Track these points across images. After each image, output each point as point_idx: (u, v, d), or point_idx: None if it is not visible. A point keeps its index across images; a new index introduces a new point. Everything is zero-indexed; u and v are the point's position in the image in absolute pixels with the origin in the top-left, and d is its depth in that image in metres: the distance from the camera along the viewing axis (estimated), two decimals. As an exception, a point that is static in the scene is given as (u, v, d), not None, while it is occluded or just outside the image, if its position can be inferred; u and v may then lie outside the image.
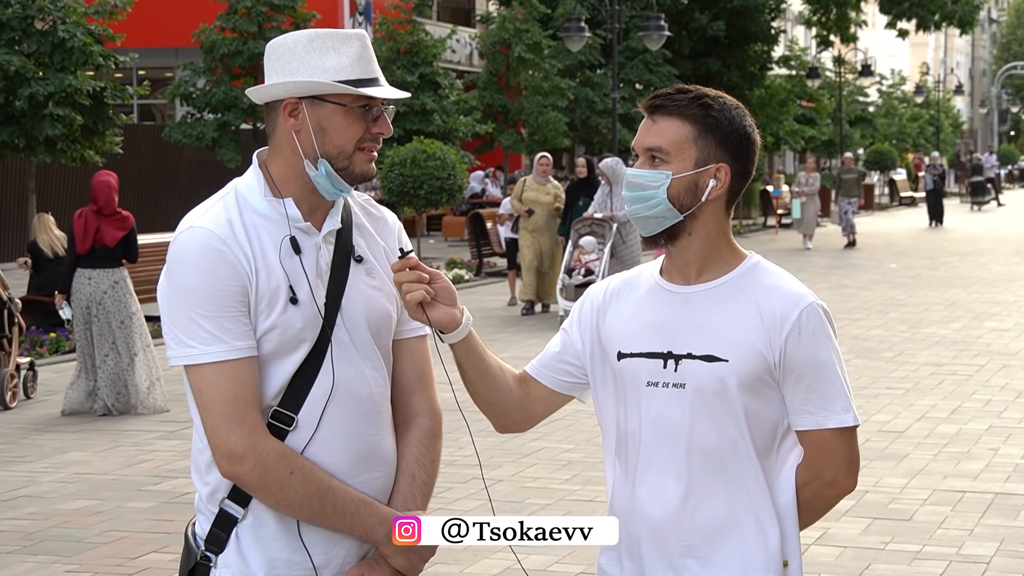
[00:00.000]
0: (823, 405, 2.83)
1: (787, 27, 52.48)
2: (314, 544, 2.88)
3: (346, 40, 2.88)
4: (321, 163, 2.86)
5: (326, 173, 2.86)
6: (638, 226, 2.89)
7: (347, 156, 2.87)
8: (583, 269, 16.09)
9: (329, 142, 2.86)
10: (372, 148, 2.90)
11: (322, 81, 2.83)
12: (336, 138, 2.86)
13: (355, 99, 2.85)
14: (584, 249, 16.13)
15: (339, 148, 2.86)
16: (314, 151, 2.86)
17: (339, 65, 2.85)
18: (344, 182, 2.88)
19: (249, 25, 23.85)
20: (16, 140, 17.67)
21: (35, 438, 10.05)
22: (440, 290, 2.85)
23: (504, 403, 3.02)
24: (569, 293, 15.97)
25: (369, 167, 2.90)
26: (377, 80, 2.89)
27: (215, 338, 2.79)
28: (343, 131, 2.86)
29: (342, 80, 2.84)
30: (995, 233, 34.11)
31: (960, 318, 16.75)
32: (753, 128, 2.91)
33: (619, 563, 2.95)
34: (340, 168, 2.87)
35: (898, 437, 9.67)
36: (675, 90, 2.85)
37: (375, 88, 2.87)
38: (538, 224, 17.41)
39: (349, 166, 2.87)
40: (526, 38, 30.07)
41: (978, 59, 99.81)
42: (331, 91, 2.84)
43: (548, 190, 17.52)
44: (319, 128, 2.86)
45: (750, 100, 37.95)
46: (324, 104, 2.85)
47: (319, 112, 2.85)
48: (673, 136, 2.81)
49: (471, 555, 6.82)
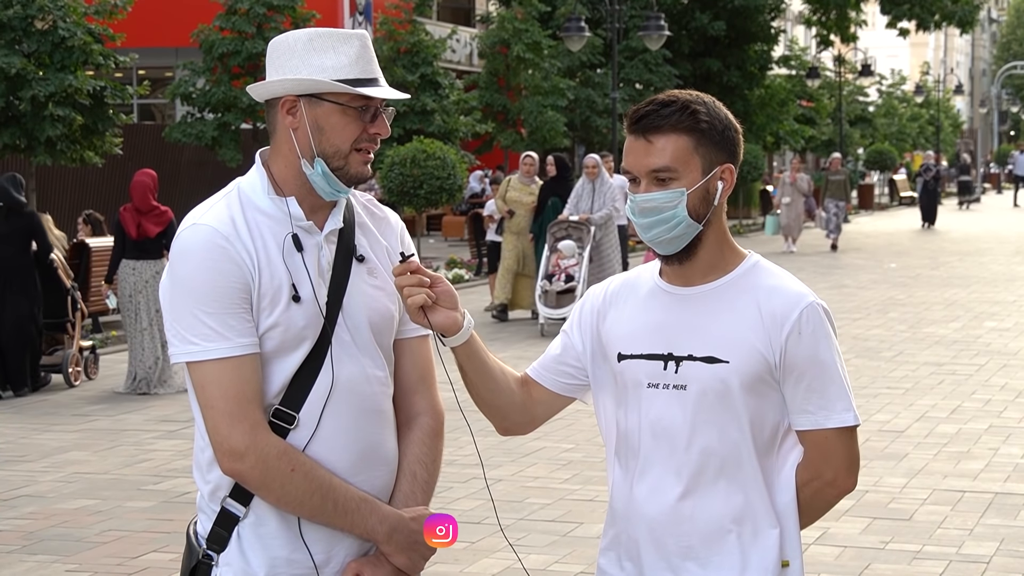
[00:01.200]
0: (823, 404, 2.84)
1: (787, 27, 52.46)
2: (315, 543, 2.88)
3: (346, 40, 2.88)
4: (317, 162, 2.87)
5: (322, 172, 2.87)
6: (659, 249, 2.84)
7: (343, 156, 2.87)
8: (563, 275, 15.56)
9: (326, 141, 2.86)
10: (369, 149, 2.90)
11: (319, 79, 2.83)
12: (333, 137, 2.86)
13: (352, 98, 2.85)
14: (563, 254, 15.60)
15: (336, 147, 2.86)
16: (311, 150, 2.87)
17: (338, 64, 2.85)
18: (340, 182, 2.88)
19: (248, 25, 23.85)
20: (17, 141, 17.67)
21: (35, 437, 10.05)
22: (441, 293, 2.85)
23: (506, 406, 3.02)
24: (551, 300, 15.47)
25: (364, 169, 2.90)
26: (377, 80, 2.89)
27: (218, 335, 2.79)
28: (340, 130, 2.86)
29: (339, 79, 2.84)
30: (995, 233, 34.12)
31: (960, 318, 16.75)
32: (730, 115, 2.88)
33: (618, 563, 2.95)
34: (336, 168, 2.87)
35: (898, 437, 9.67)
36: (658, 105, 2.80)
37: (373, 88, 2.86)
38: (521, 226, 16.81)
39: (345, 166, 2.87)
40: (525, 38, 30.07)
41: (978, 59, 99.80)
42: (328, 89, 2.84)
43: (532, 190, 16.90)
44: (316, 127, 2.86)
45: (750, 100, 37.96)
46: (322, 103, 2.86)
47: (316, 111, 2.86)
48: (675, 152, 2.78)
49: (471, 555, 6.82)
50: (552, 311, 15.38)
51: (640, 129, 2.81)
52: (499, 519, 6.98)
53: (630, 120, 2.82)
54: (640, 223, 2.82)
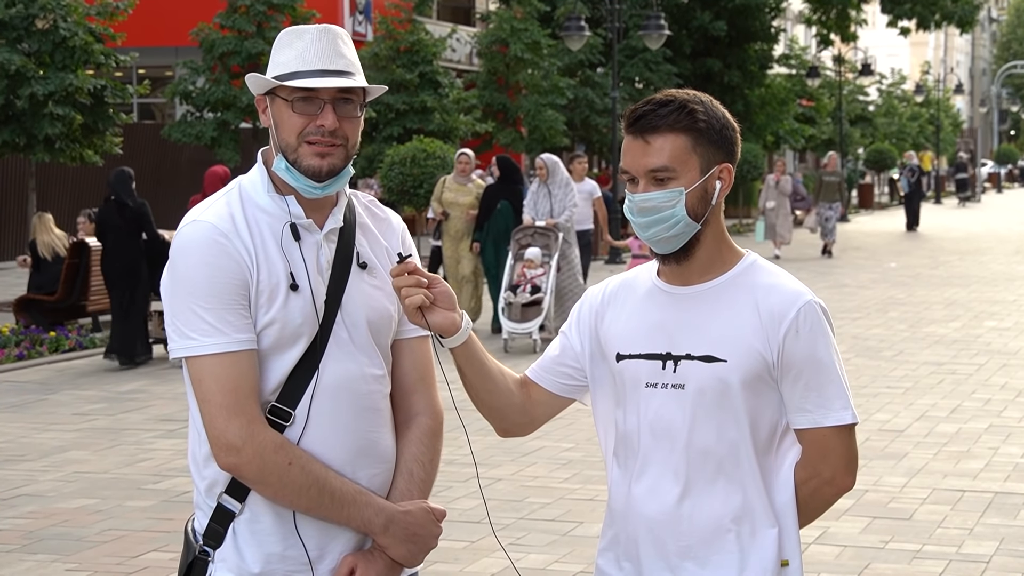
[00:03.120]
0: (821, 403, 2.83)
1: (787, 26, 52.45)
2: (310, 538, 2.89)
3: (300, 35, 2.92)
4: (278, 158, 2.92)
5: (285, 168, 2.90)
6: (657, 248, 2.84)
7: (293, 149, 2.89)
8: (529, 286, 14.30)
9: (280, 136, 2.91)
10: (322, 142, 2.87)
11: (262, 76, 2.90)
12: (282, 132, 2.91)
13: (291, 91, 2.88)
14: (532, 263, 14.34)
15: (286, 142, 2.90)
16: (278, 145, 2.92)
17: (287, 59, 2.90)
18: (304, 176, 2.88)
19: (248, 24, 23.85)
20: (16, 139, 17.67)
21: (35, 436, 10.05)
22: (439, 294, 2.85)
23: (505, 407, 3.02)
24: (515, 313, 14.15)
25: (318, 161, 2.88)
26: (330, 72, 2.87)
27: (215, 330, 2.81)
28: (286, 124, 2.90)
29: (281, 74, 2.88)
30: (995, 232, 34.12)
31: (960, 317, 16.75)
32: (727, 113, 2.88)
33: (617, 563, 2.95)
34: (292, 162, 2.90)
35: (898, 436, 9.67)
36: (656, 104, 2.80)
37: (308, 80, 2.85)
38: (459, 229, 15.47)
39: (297, 159, 2.89)
40: (525, 37, 30.06)
41: (978, 58, 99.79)
42: (270, 86, 2.90)
43: (469, 190, 15.60)
44: (276, 123, 2.92)
45: (750, 99, 37.95)
46: (276, 99, 2.91)
47: (274, 107, 2.92)
48: (673, 152, 2.79)
49: (470, 554, 6.82)
50: (517, 325, 14.11)
51: (638, 129, 2.81)
52: (491, 521, 6.99)
53: (628, 120, 2.82)
54: (638, 222, 2.82)
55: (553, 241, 14.45)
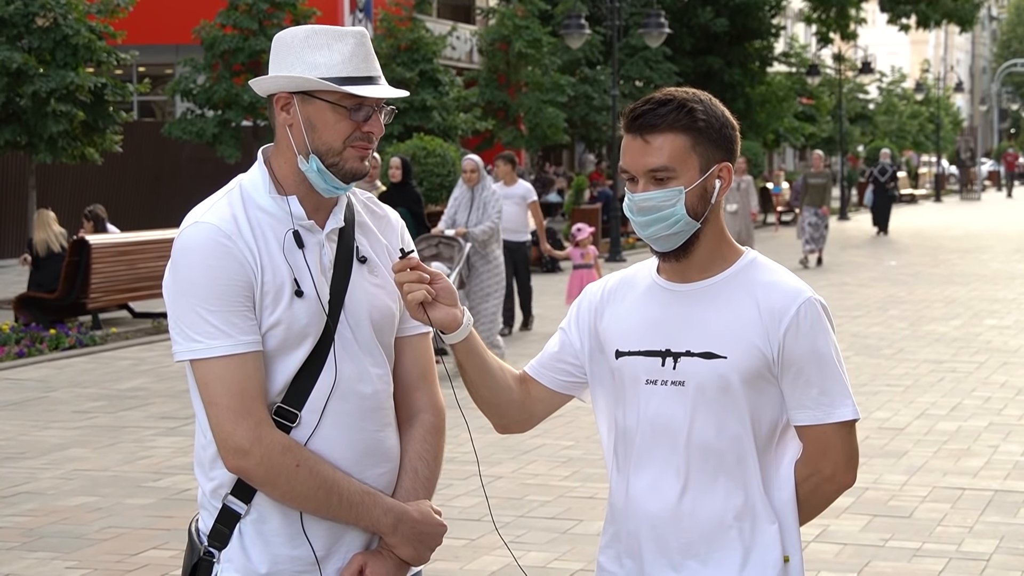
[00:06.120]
0: (822, 400, 2.84)
1: (787, 24, 52.44)
2: (317, 539, 2.89)
3: (341, 37, 2.88)
4: (312, 159, 2.88)
5: (317, 169, 2.88)
6: (656, 246, 2.85)
7: (336, 153, 2.88)
8: None
9: (318, 138, 2.88)
10: (364, 147, 2.90)
11: (307, 77, 2.84)
12: (325, 135, 2.87)
13: (342, 97, 2.86)
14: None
15: (328, 145, 2.87)
16: (306, 146, 2.88)
17: (331, 62, 2.86)
18: (336, 179, 2.89)
19: (250, 22, 23.85)
20: (18, 138, 17.67)
21: (35, 434, 10.06)
22: (441, 290, 2.85)
23: (505, 403, 3.02)
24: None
25: (360, 164, 2.90)
26: (374, 79, 2.89)
27: (221, 332, 2.80)
28: (331, 128, 2.87)
29: (331, 77, 2.84)
30: (995, 230, 34.12)
31: (960, 315, 16.75)
32: (727, 112, 2.88)
33: (618, 561, 2.95)
34: (330, 164, 2.88)
35: (898, 434, 9.67)
36: (655, 103, 2.80)
37: (364, 87, 2.86)
38: None
39: (339, 162, 2.88)
40: (525, 35, 30.07)
41: (978, 56, 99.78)
42: (316, 88, 2.85)
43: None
44: (309, 124, 2.88)
45: (751, 97, 37.95)
46: (314, 100, 2.87)
47: (309, 108, 2.87)
48: (673, 151, 2.78)
49: (471, 552, 6.82)
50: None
51: (637, 128, 2.80)
52: (493, 517, 6.98)
53: (627, 119, 2.82)
54: (638, 221, 2.82)
55: (457, 252, 12.74)
